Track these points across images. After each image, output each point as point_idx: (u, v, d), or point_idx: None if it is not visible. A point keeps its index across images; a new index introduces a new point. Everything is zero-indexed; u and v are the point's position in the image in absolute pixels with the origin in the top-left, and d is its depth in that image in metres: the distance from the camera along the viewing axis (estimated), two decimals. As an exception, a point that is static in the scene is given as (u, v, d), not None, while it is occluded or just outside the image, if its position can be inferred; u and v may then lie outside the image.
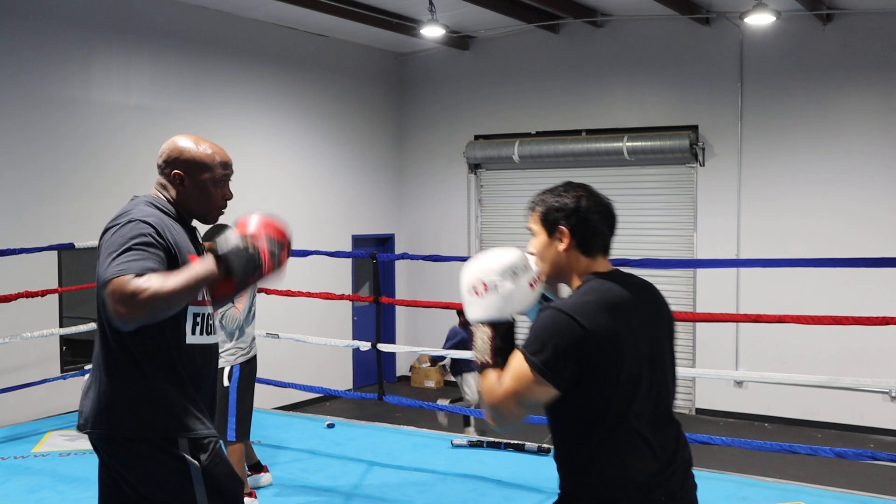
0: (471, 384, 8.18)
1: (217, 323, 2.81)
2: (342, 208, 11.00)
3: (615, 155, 10.33)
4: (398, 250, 11.83)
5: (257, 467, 4.92)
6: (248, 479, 4.75)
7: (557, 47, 10.79)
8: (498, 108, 11.31)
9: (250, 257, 2.37)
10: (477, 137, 11.45)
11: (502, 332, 2.09)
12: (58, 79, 7.84)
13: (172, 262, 2.38)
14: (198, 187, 2.55)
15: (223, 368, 4.43)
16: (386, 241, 11.94)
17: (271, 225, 2.48)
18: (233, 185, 2.70)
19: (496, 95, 11.29)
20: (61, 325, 7.47)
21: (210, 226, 2.73)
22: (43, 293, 6.24)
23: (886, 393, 9.06)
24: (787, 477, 5.48)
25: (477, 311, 2.10)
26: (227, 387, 4.43)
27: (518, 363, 2.01)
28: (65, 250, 6.71)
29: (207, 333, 2.55)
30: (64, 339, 7.85)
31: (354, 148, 11.29)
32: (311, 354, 9.52)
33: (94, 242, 6.45)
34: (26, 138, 7.59)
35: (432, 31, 9.30)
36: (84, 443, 5.65)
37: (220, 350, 3.47)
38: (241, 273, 2.36)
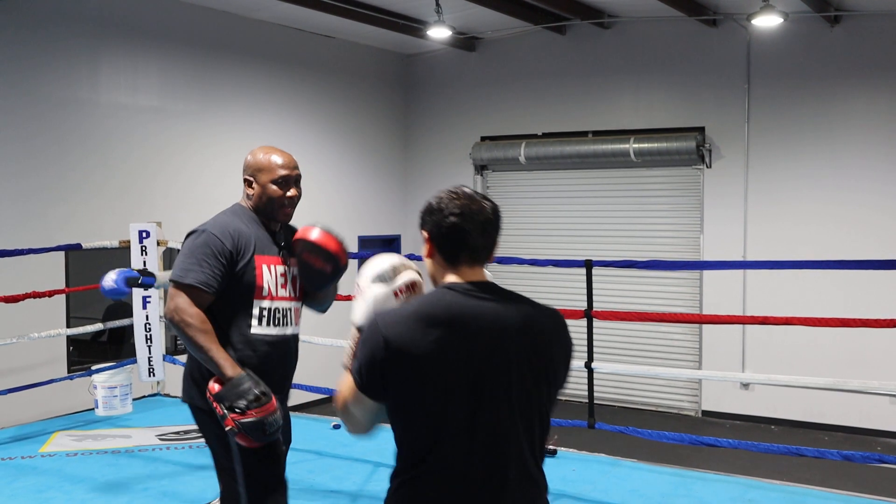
0: None
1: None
2: (348, 209, 11.00)
3: (621, 156, 10.32)
4: (404, 251, 11.83)
5: None
6: None
7: (564, 49, 10.78)
8: (504, 109, 11.31)
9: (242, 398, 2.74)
10: (483, 139, 11.45)
11: None
12: (66, 80, 7.87)
13: (233, 266, 2.85)
14: (262, 188, 2.97)
15: None
16: (392, 242, 11.95)
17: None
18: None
19: (502, 97, 11.29)
20: (68, 326, 7.49)
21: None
22: (50, 293, 6.25)
23: (894, 395, 9.02)
24: (793, 479, 5.47)
25: (353, 313, 2.04)
26: None
27: None
28: (72, 251, 6.72)
29: (276, 325, 2.96)
30: (71, 340, 7.87)
31: (361, 149, 11.30)
32: (317, 355, 9.51)
33: (102, 243, 6.53)
34: (34, 139, 7.61)
35: (439, 33, 9.31)
36: (91, 443, 5.67)
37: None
38: (228, 402, 2.74)
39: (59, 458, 5.36)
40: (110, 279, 4.47)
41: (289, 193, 3.00)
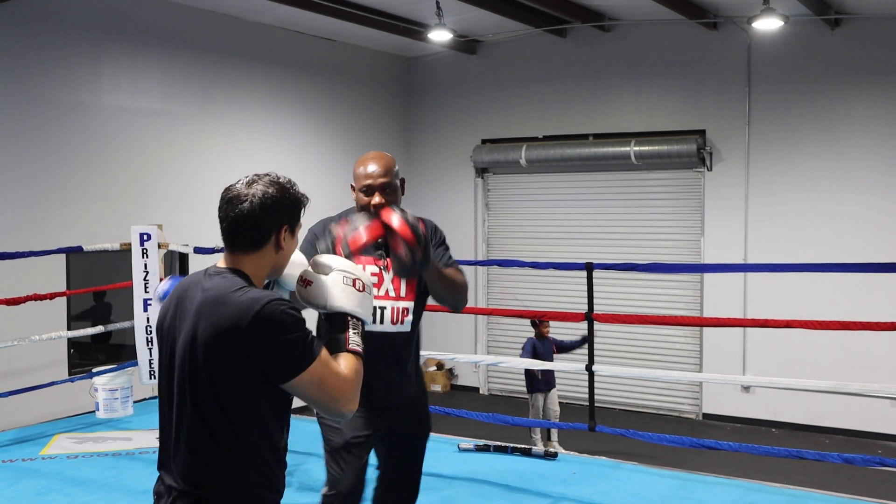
0: (539, 402, 8.45)
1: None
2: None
3: (622, 159, 10.33)
4: (405, 254, 11.81)
5: None
6: None
7: (565, 51, 10.79)
8: (505, 112, 11.31)
9: None
10: (484, 141, 11.46)
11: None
12: (67, 83, 7.88)
13: None
14: (356, 196, 3.22)
15: None
16: (393, 245, 11.94)
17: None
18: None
19: (503, 99, 11.30)
20: (69, 328, 7.50)
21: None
22: (51, 296, 6.25)
23: (895, 399, 9.02)
24: (794, 482, 5.47)
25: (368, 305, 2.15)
26: None
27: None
28: (73, 253, 6.73)
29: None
30: (72, 342, 7.88)
31: (362, 152, 11.23)
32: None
33: (102, 245, 6.52)
34: (35, 142, 7.63)
35: (440, 36, 9.32)
36: (92, 445, 5.67)
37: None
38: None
39: (60, 461, 5.36)
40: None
41: (373, 201, 3.11)
